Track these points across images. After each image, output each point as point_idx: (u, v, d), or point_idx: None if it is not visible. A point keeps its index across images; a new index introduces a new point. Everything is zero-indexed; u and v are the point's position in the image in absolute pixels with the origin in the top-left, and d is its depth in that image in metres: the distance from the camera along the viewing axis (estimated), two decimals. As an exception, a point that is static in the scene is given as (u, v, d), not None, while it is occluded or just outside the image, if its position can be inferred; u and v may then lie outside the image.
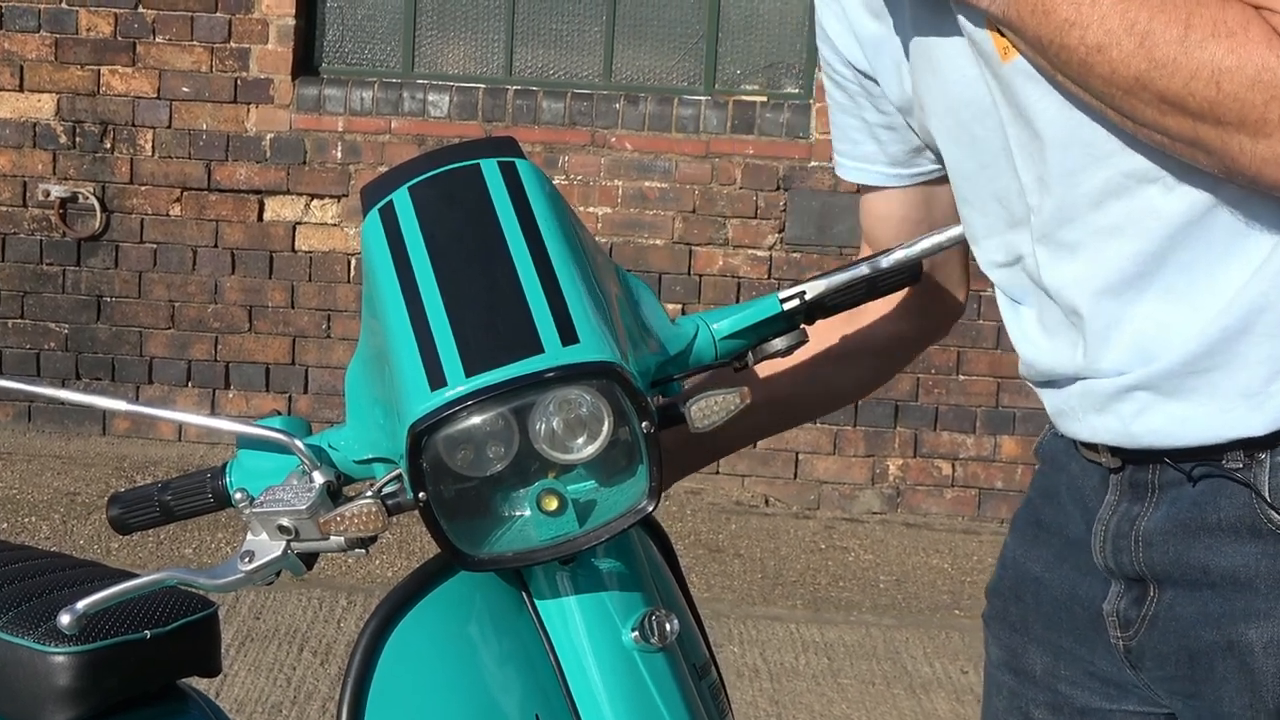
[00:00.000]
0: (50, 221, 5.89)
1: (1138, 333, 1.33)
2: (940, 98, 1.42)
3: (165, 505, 1.53)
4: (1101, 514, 1.42)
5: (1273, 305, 1.28)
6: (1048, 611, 1.50)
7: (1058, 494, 1.50)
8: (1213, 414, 1.32)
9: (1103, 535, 1.42)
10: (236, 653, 4.16)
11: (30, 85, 5.85)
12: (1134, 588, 1.40)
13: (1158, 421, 1.34)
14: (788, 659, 4.41)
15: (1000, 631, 1.57)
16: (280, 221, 5.89)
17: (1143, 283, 1.32)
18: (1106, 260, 1.33)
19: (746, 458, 5.86)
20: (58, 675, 1.77)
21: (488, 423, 1.28)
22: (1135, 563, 1.39)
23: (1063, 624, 1.48)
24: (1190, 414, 1.33)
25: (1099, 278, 1.34)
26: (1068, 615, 1.48)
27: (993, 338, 5.80)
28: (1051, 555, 1.49)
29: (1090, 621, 1.45)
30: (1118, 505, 1.41)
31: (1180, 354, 1.31)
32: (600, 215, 5.78)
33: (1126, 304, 1.33)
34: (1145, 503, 1.38)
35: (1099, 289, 1.34)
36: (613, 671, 1.36)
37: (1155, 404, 1.34)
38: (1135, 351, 1.34)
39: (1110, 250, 1.33)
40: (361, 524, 1.33)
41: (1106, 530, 1.41)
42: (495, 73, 5.95)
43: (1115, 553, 1.40)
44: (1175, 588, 1.37)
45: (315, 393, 5.92)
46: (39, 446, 5.86)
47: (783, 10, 5.95)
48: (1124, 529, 1.40)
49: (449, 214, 1.39)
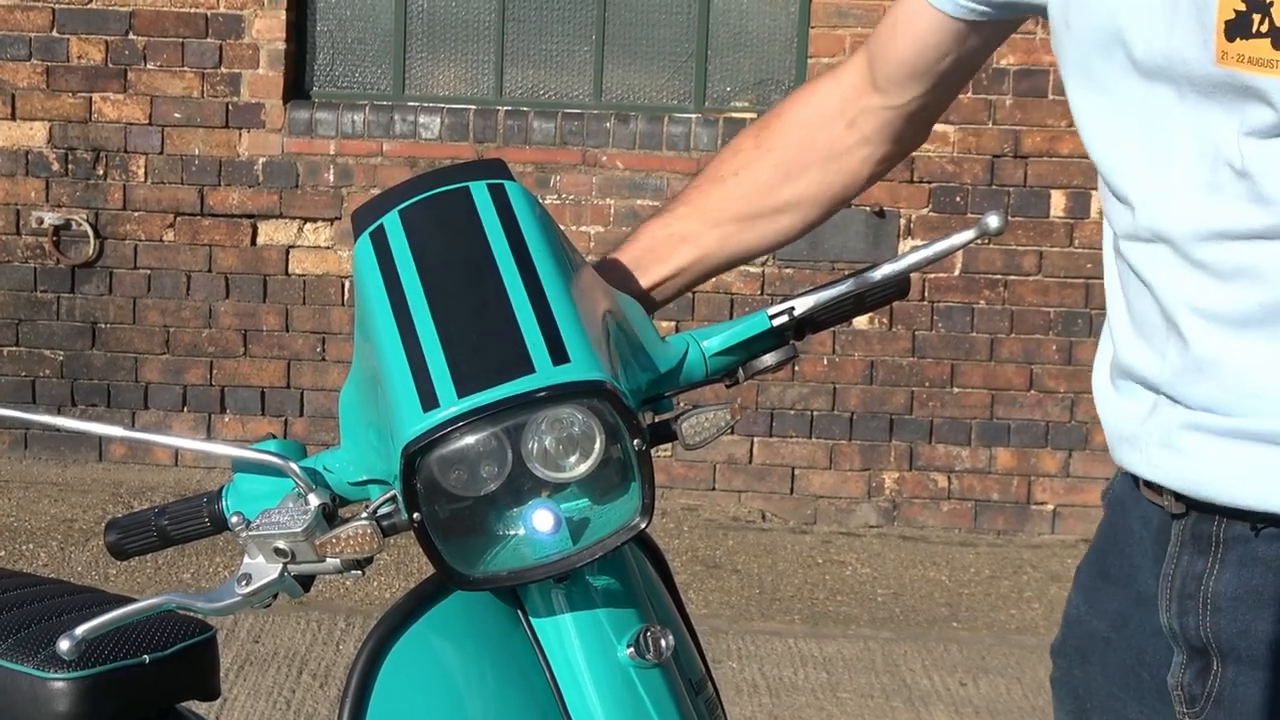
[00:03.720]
0: (44, 249, 5.90)
1: (1250, 380, 1.26)
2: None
3: (162, 530, 1.54)
4: (1165, 568, 1.34)
5: None
6: (1115, 676, 1.42)
7: (1124, 541, 1.41)
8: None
9: (1169, 592, 1.33)
10: (236, 676, 4.16)
11: (22, 113, 5.87)
12: (1196, 659, 1.32)
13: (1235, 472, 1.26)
14: (786, 674, 4.41)
15: (1065, 698, 1.49)
16: (273, 245, 5.90)
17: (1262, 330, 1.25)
18: (1238, 295, 1.26)
19: (742, 474, 5.86)
20: (57, 701, 1.78)
21: (480, 443, 1.29)
22: (1201, 628, 1.31)
23: (1130, 691, 1.40)
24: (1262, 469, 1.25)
25: (1222, 309, 1.27)
26: (1135, 681, 1.40)
27: (986, 350, 5.81)
28: (1117, 611, 1.41)
29: (1156, 691, 1.37)
30: (1179, 559, 1.32)
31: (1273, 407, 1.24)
32: (593, 234, 5.80)
33: (1248, 345, 1.26)
34: (1210, 558, 1.30)
35: (1220, 320, 1.27)
36: (608, 688, 1.36)
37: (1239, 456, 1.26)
38: (1242, 396, 1.26)
39: (1245, 288, 1.25)
40: (357, 545, 1.34)
41: (1172, 587, 1.33)
42: (486, 94, 5.97)
43: (1181, 614, 1.32)
44: (1238, 664, 1.29)
45: (310, 416, 5.93)
46: (36, 474, 5.86)
47: (771, 27, 5.97)
48: (1190, 589, 1.31)
49: (439, 237, 1.40)
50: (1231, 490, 1.27)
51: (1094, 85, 1.37)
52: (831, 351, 5.80)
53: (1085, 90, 1.38)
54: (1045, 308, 5.80)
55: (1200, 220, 1.27)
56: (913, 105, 1.63)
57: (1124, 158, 1.34)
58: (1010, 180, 5.70)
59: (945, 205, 5.76)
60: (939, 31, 1.56)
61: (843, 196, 1.68)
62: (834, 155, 1.65)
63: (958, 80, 1.63)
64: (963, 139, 5.71)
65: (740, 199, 1.64)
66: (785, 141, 1.66)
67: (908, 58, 1.59)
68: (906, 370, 5.84)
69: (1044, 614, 5.03)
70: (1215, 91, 1.25)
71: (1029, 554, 5.63)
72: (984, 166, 5.73)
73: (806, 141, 1.65)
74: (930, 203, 5.77)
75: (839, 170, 1.66)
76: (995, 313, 5.81)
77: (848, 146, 1.65)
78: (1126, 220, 1.35)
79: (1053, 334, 5.81)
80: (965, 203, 5.74)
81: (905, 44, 1.58)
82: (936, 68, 1.59)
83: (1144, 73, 1.30)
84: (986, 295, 5.80)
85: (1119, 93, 1.34)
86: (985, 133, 5.69)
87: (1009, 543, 5.75)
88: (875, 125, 1.64)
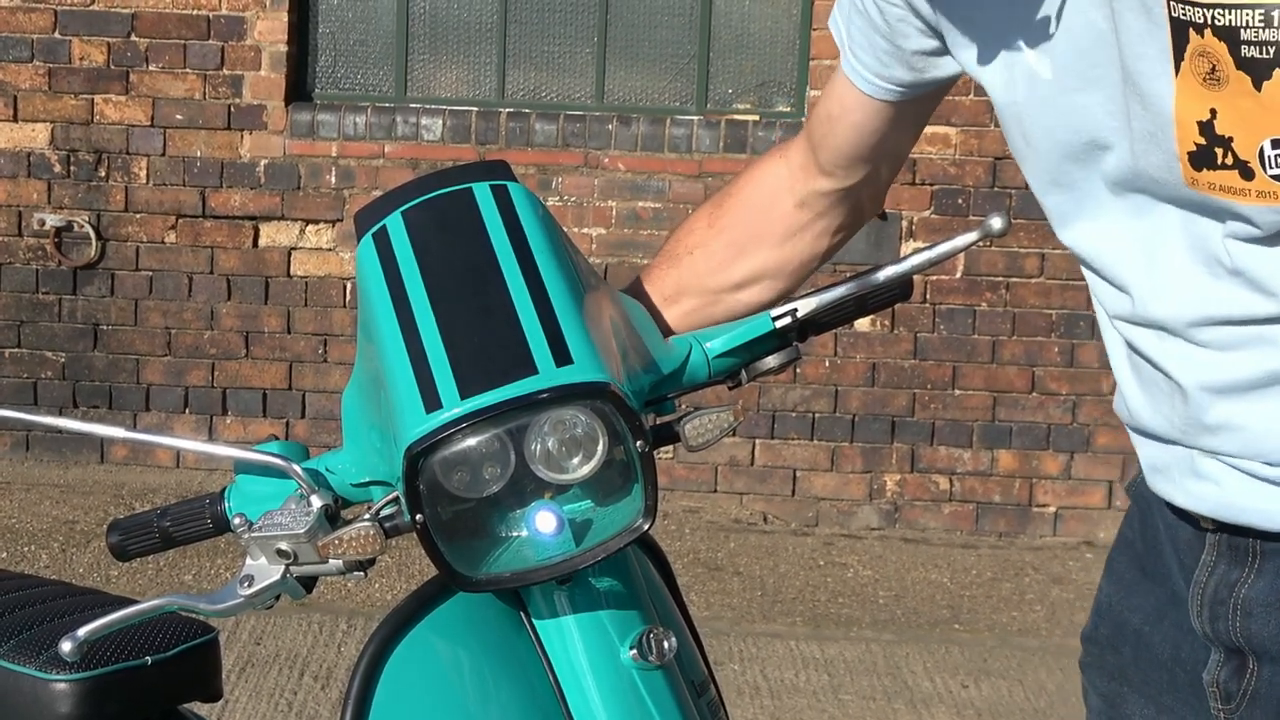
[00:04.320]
0: (45, 251, 5.90)
1: (1248, 429, 1.26)
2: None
3: (164, 531, 1.54)
4: (1198, 575, 1.34)
5: None
6: (1147, 669, 1.42)
7: (1158, 541, 1.41)
8: None
9: (1200, 599, 1.33)
10: (237, 678, 4.16)
11: (24, 115, 5.87)
12: (1233, 658, 1.32)
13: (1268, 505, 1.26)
14: (788, 676, 4.41)
15: (1098, 679, 1.50)
16: (275, 247, 5.90)
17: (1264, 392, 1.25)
18: (1238, 367, 1.25)
19: (744, 476, 5.86)
20: (59, 703, 1.78)
21: (483, 444, 1.29)
22: (1233, 632, 1.31)
23: (1164, 684, 1.41)
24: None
25: (1222, 379, 1.26)
26: (1169, 676, 1.40)
27: (988, 352, 5.81)
28: (1152, 608, 1.41)
29: (1191, 686, 1.37)
30: (1215, 567, 1.32)
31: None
32: (594, 236, 5.79)
33: (1238, 402, 1.26)
34: (1246, 568, 1.30)
35: (1220, 389, 1.26)
36: (611, 690, 1.36)
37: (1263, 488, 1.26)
38: (1242, 445, 1.26)
39: (1246, 360, 1.25)
40: (359, 547, 1.34)
41: (1204, 594, 1.33)
42: (488, 95, 5.97)
43: (1213, 619, 1.32)
44: (1274, 664, 1.29)
45: (312, 417, 5.93)
46: (37, 475, 5.86)
47: (774, 29, 5.97)
48: (1222, 595, 1.31)
49: (442, 238, 1.40)
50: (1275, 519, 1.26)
51: (1067, 185, 1.36)
52: (833, 353, 5.80)
53: (1058, 191, 1.37)
54: (1047, 310, 5.80)
55: (1200, 310, 1.27)
56: (863, 182, 1.65)
57: (1110, 251, 1.34)
58: (1012, 182, 5.70)
59: (947, 207, 5.75)
60: (871, 117, 1.57)
61: (807, 267, 1.69)
62: (788, 234, 1.66)
63: (905, 148, 1.65)
64: (965, 141, 5.71)
65: (696, 277, 1.65)
66: (736, 220, 1.67)
67: (848, 145, 1.60)
68: (908, 372, 5.84)
69: (1045, 616, 5.03)
70: (1191, 204, 1.25)
71: (1030, 556, 5.63)
72: (986, 169, 5.73)
73: (757, 222, 1.66)
74: (932, 205, 5.76)
75: (795, 246, 1.67)
76: (997, 315, 5.81)
77: (802, 224, 1.66)
78: (1122, 305, 1.34)
79: (1055, 336, 5.81)
80: (967, 205, 5.74)
81: (842, 133, 1.59)
82: (879, 148, 1.60)
83: (1119, 182, 1.30)
84: (988, 297, 5.80)
85: (1097, 194, 1.33)
86: (987, 135, 5.69)
87: (1010, 545, 5.75)
88: (827, 204, 1.66)
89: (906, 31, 1.48)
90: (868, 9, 1.51)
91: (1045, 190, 1.38)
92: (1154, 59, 1.21)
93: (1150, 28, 1.20)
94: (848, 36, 1.55)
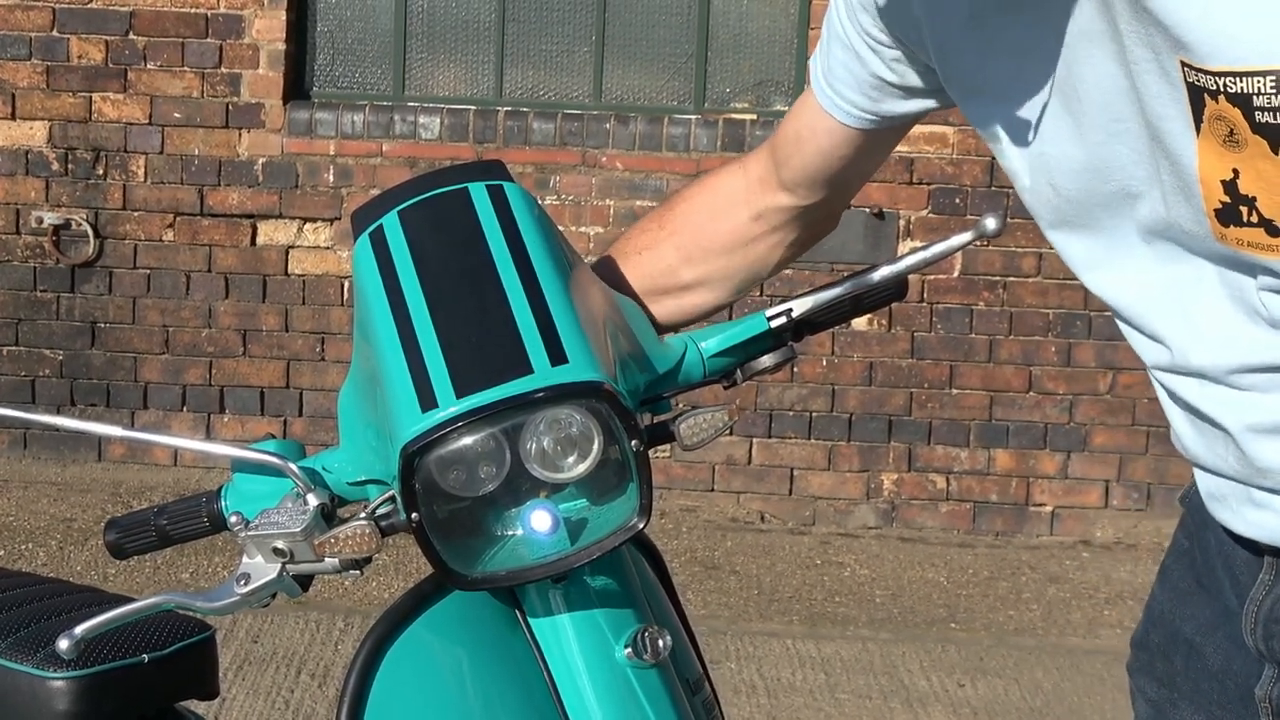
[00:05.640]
0: (43, 249, 5.90)
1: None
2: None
3: (161, 530, 1.54)
4: (1255, 593, 1.33)
5: None
6: (1197, 679, 1.42)
7: (1209, 555, 1.41)
8: None
9: (1254, 616, 1.33)
10: (234, 676, 4.16)
11: (22, 113, 5.87)
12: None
13: None
14: (784, 675, 4.42)
15: (1147, 685, 1.49)
16: (273, 245, 5.90)
17: None
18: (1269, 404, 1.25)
19: (741, 475, 5.87)
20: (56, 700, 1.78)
21: (479, 443, 1.29)
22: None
23: (1214, 694, 1.40)
24: None
25: (1258, 418, 1.26)
26: (1220, 688, 1.40)
27: (985, 351, 5.82)
28: (1206, 620, 1.41)
29: (1242, 700, 1.37)
30: (1272, 587, 1.32)
31: None
32: (592, 235, 5.80)
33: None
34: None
35: (1256, 427, 1.26)
36: (606, 688, 1.36)
37: None
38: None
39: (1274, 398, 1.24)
40: (356, 545, 1.34)
41: (1259, 612, 1.33)
42: (486, 94, 5.97)
43: (1267, 638, 1.32)
44: None
45: (310, 416, 5.93)
46: (35, 473, 5.86)
47: (771, 29, 5.97)
48: (1278, 614, 1.32)
49: (438, 237, 1.40)
50: None
51: (1096, 230, 1.35)
52: (830, 353, 5.80)
53: (1088, 235, 1.36)
54: (1044, 309, 5.80)
55: (1241, 358, 1.26)
56: (823, 202, 1.65)
57: (1143, 300, 1.33)
58: (1009, 182, 5.69)
59: (944, 207, 5.76)
60: (841, 144, 1.57)
61: (752, 279, 1.70)
62: (738, 244, 1.67)
63: (867, 173, 1.65)
64: (962, 141, 5.71)
65: (644, 277, 1.66)
66: (687, 225, 1.68)
67: (814, 167, 1.60)
68: (905, 371, 5.84)
69: (1042, 615, 5.04)
70: (1223, 258, 1.24)
71: (1027, 555, 5.64)
72: (983, 168, 5.73)
73: (707, 228, 1.67)
74: (929, 204, 5.77)
75: (744, 256, 1.67)
76: (994, 314, 5.82)
77: (754, 236, 1.67)
78: (1160, 356, 1.34)
79: (1052, 335, 5.81)
80: (964, 204, 5.75)
81: (810, 154, 1.60)
82: (843, 173, 1.61)
83: (1152, 230, 1.29)
84: (986, 297, 5.81)
85: (1129, 240, 1.32)
86: (985, 134, 5.68)
87: (1007, 544, 5.75)
88: (784, 219, 1.66)
89: (902, 71, 1.50)
90: (854, 44, 1.51)
91: (1070, 234, 1.37)
92: (1175, 118, 1.20)
93: (1170, 90, 1.20)
94: (825, 69, 1.55)
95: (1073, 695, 4.36)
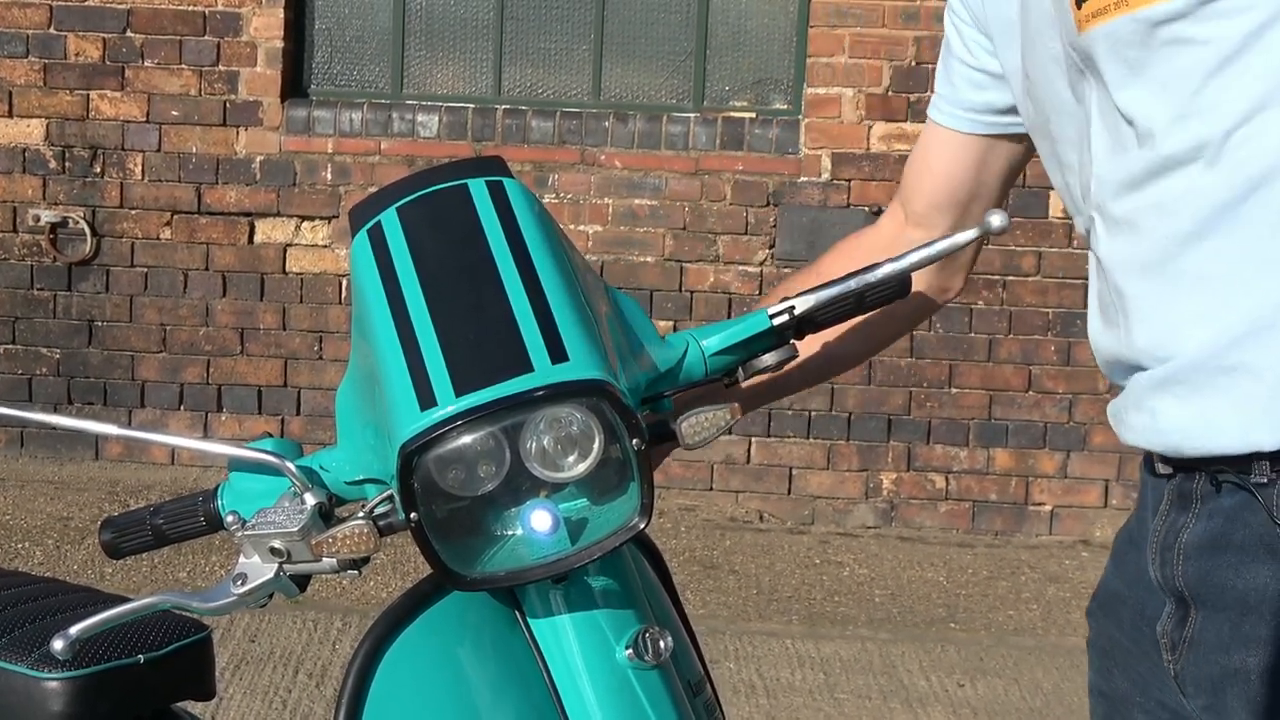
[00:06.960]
0: (41, 247, 5.89)
1: (1171, 318, 1.31)
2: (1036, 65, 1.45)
3: (157, 529, 1.53)
4: (1155, 524, 1.39)
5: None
6: (1127, 632, 1.45)
7: (1143, 508, 1.46)
8: (1235, 420, 1.28)
9: (1155, 545, 1.38)
10: (231, 676, 4.15)
11: (19, 110, 5.86)
12: (1180, 608, 1.36)
13: (1183, 420, 1.31)
14: (784, 674, 4.41)
15: (1094, 656, 1.53)
16: (271, 244, 5.89)
17: (1180, 265, 1.30)
18: (1148, 237, 1.32)
19: (740, 474, 5.86)
20: (51, 701, 1.77)
21: (478, 442, 1.28)
22: (1175, 577, 1.35)
23: (1137, 645, 1.43)
24: (1214, 417, 1.29)
25: (1140, 255, 1.33)
26: (1138, 635, 1.43)
27: (984, 350, 5.81)
28: (1133, 570, 1.45)
29: (1153, 643, 1.40)
30: (1168, 514, 1.37)
31: (1208, 345, 1.28)
32: (591, 233, 5.79)
33: (1163, 286, 1.31)
34: (1189, 514, 1.35)
35: (1139, 267, 1.33)
36: (607, 689, 1.36)
37: (1182, 401, 1.31)
38: (1167, 336, 1.31)
39: (1152, 227, 1.32)
40: (353, 545, 1.33)
41: (1158, 541, 1.38)
42: (484, 92, 5.96)
43: (1162, 565, 1.37)
44: (1204, 608, 1.33)
45: (307, 414, 5.92)
46: (31, 472, 5.85)
47: (770, 27, 5.96)
48: (1169, 540, 1.36)
49: (437, 234, 1.39)
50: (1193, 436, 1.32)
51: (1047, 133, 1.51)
52: (830, 352, 5.79)
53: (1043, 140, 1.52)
54: (1044, 308, 5.80)
55: (1113, 177, 1.36)
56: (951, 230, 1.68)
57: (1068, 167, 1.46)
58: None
59: (944, 205, 5.75)
60: (959, 154, 1.65)
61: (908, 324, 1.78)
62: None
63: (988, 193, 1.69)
64: (962, 139, 5.69)
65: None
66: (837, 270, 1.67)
67: (942, 189, 1.67)
68: (904, 371, 5.83)
69: (1041, 615, 5.03)
70: (1089, 60, 1.36)
71: (1026, 555, 5.63)
72: (983, 167, 5.72)
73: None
74: (929, 203, 5.76)
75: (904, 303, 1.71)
76: (994, 313, 5.81)
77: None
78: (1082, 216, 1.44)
79: (1051, 335, 5.80)
80: (964, 203, 5.73)
81: (939, 174, 1.67)
82: (970, 193, 1.67)
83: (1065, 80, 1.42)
84: (985, 296, 5.80)
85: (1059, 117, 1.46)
86: (984, 133, 5.68)
87: (1007, 543, 5.75)
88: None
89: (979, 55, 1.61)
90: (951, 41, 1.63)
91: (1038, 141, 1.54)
92: None
93: None
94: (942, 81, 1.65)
95: (1072, 695, 4.35)
